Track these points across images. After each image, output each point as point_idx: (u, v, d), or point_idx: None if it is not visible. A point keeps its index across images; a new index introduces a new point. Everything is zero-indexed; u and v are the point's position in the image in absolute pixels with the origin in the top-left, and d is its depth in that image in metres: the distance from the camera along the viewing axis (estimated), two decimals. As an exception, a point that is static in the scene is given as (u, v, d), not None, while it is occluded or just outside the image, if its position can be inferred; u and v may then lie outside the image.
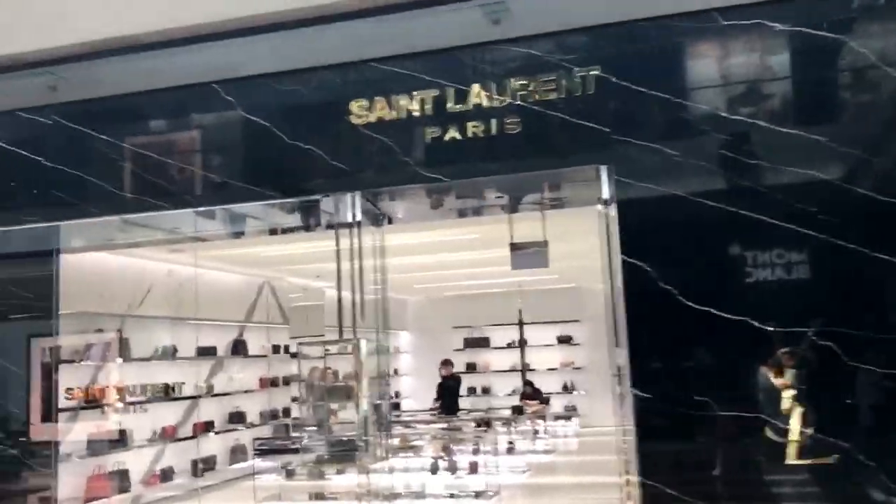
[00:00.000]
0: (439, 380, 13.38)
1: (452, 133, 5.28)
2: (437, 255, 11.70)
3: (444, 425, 10.62)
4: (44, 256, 7.58)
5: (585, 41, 5.06)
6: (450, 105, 5.28)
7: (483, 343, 17.16)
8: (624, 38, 4.99)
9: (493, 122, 5.17)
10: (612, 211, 4.93)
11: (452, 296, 17.10)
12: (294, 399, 11.77)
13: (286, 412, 12.27)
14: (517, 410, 12.47)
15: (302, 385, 8.11)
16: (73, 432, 8.41)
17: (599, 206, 5.17)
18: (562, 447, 13.04)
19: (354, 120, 5.44)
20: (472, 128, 5.23)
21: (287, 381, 12.36)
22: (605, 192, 5.06)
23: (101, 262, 8.73)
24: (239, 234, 7.14)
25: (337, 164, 5.45)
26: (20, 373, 7.25)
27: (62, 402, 7.71)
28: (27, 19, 5.77)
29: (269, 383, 12.08)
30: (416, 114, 5.35)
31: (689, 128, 4.81)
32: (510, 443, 11.14)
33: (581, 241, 6.49)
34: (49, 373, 7.67)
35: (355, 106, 5.45)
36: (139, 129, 6.01)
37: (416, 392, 16.67)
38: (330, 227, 6.75)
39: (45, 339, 7.72)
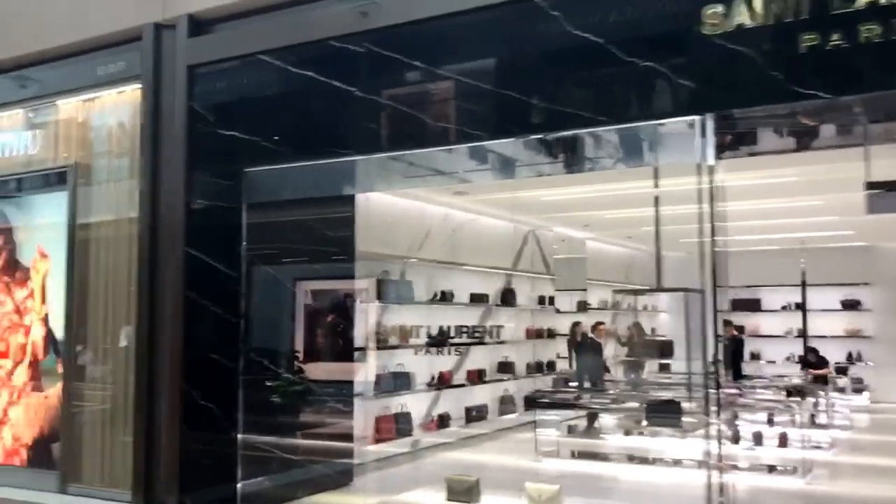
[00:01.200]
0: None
1: (837, 40, 4.34)
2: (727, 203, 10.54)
3: (737, 391, 9.66)
4: (339, 197, 7.60)
5: None
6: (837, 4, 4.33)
7: (753, 305, 15.76)
8: None
9: (897, 22, 4.17)
10: None
11: (718, 252, 15.80)
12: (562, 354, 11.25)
13: (550, 366, 11.85)
14: (821, 380, 11.20)
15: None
16: (359, 372, 8.42)
17: None
18: (857, 424, 11.58)
19: (707, 30, 4.66)
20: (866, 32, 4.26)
21: (552, 334, 11.91)
22: None
23: (386, 204, 8.62)
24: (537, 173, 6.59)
25: (684, 83, 4.71)
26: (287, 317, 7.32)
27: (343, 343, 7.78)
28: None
29: (535, 334, 11.69)
30: (789, 19, 4.46)
31: None
32: (812, 416, 9.97)
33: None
34: (315, 314, 7.73)
35: (708, 13, 4.66)
36: (453, 55, 5.60)
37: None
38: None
39: (307, 283, 7.75)
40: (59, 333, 7.34)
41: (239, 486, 6.18)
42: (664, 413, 6.80)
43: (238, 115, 6.49)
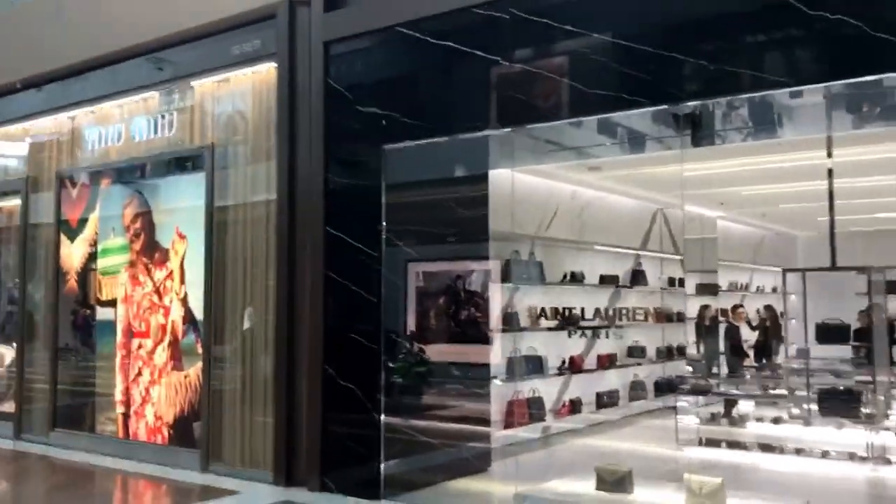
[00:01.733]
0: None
1: None
2: (858, 178, 9.72)
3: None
4: (472, 176, 7.37)
5: None
6: None
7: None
8: None
9: None
10: None
11: (851, 232, 14.81)
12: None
13: (680, 350, 11.33)
14: None
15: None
16: (492, 355, 8.18)
17: None
18: None
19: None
20: None
21: (681, 318, 11.38)
22: None
23: (513, 182, 8.32)
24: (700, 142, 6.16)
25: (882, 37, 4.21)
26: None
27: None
28: None
29: (664, 318, 11.20)
30: None
31: None
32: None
33: None
34: (444, 295, 7.50)
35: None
36: (606, 15, 5.24)
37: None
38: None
39: (418, 265, 7.54)
40: (197, 314, 7.41)
41: (382, 469, 6.06)
42: (839, 402, 6.28)
43: (376, 91, 6.32)
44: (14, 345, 10.04)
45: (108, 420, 8.17)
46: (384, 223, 6.22)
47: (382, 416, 6.08)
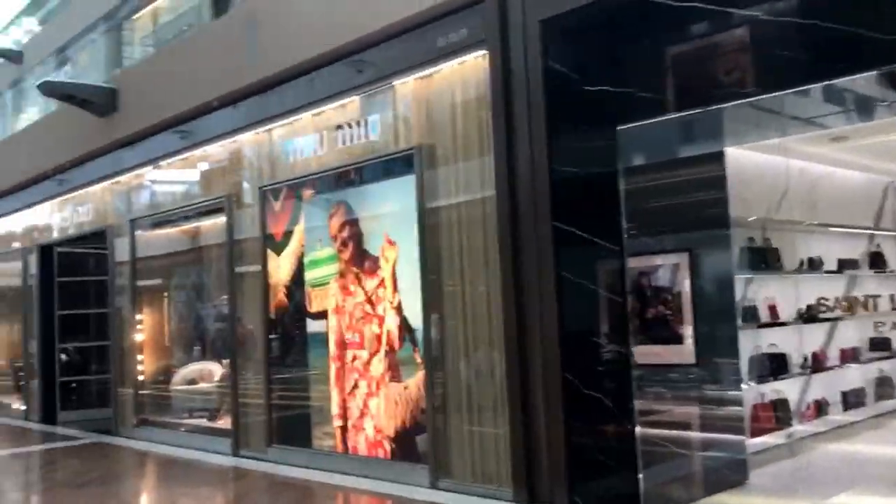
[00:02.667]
0: None
1: None
2: None
3: None
4: (705, 155, 6.65)
5: None
6: None
7: None
8: None
9: None
10: None
11: None
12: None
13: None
14: None
15: None
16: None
17: None
18: None
19: None
20: None
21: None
22: None
23: (742, 160, 7.48)
24: None
25: None
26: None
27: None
28: None
29: (904, 305, 9.93)
30: None
31: None
32: None
33: None
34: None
35: None
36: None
37: None
38: None
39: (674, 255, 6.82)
40: (413, 322, 7.09)
41: (641, 483, 5.44)
42: None
43: (605, 68, 5.74)
44: (225, 361, 10.21)
45: (326, 434, 8.01)
46: (622, 213, 5.62)
47: (637, 427, 5.47)
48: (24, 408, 13.96)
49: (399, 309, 7.23)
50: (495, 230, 6.29)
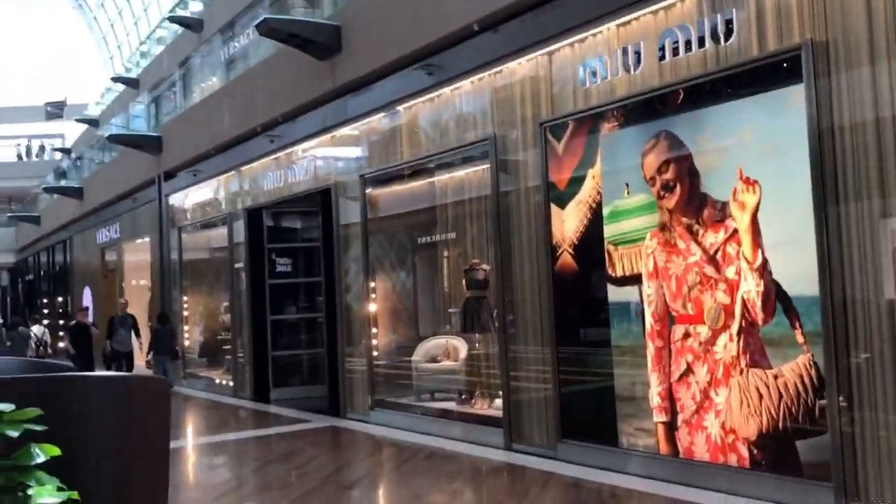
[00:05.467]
0: None
1: None
2: None
3: None
4: None
5: None
6: None
7: None
8: None
9: None
10: None
11: None
12: None
13: None
14: None
15: None
16: None
17: None
18: None
19: None
20: None
21: None
22: None
23: None
24: None
25: None
26: None
27: None
28: None
29: None
30: None
31: None
32: None
33: None
34: None
35: None
36: None
37: None
38: None
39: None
40: (790, 288, 5.26)
41: None
42: None
43: None
44: (477, 336, 8.75)
45: (641, 431, 6.33)
46: None
47: None
48: (230, 384, 13.16)
49: (763, 271, 5.40)
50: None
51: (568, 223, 6.93)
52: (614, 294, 6.55)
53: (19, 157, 40.45)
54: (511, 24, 7.38)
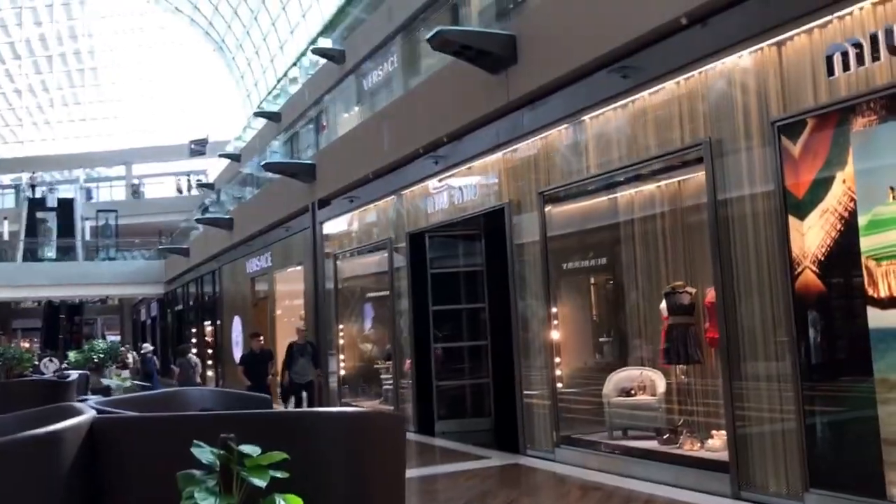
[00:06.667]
0: None
1: None
2: None
3: None
4: None
5: None
6: None
7: None
8: None
9: None
10: None
11: None
12: None
13: None
14: None
15: None
16: None
17: None
18: None
19: None
20: None
21: None
22: None
23: None
24: None
25: None
26: None
27: None
28: None
29: None
30: None
31: None
32: None
33: None
34: None
35: None
36: None
37: None
38: None
39: None
40: None
41: None
42: None
43: None
44: (679, 368, 7.85)
45: (917, 482, 5.28)
46: None
47: None
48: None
49: None
50: None
51: (810, 236, 5.98)
52: (877, 319, 5.53)
53: (179, 191, 42.52)
54: (731, 13, 6.54)
